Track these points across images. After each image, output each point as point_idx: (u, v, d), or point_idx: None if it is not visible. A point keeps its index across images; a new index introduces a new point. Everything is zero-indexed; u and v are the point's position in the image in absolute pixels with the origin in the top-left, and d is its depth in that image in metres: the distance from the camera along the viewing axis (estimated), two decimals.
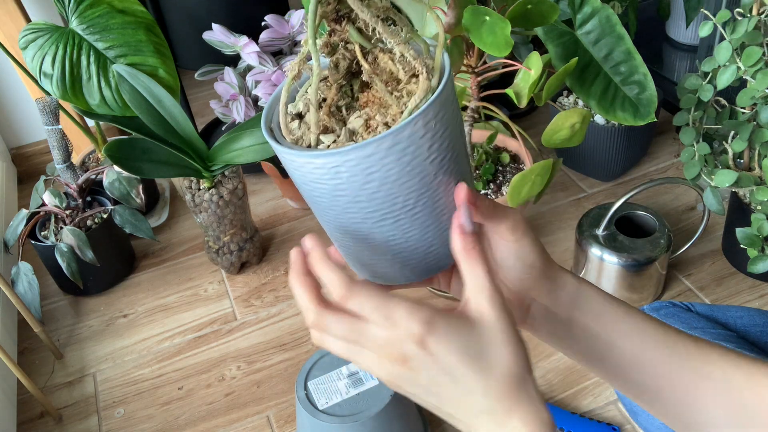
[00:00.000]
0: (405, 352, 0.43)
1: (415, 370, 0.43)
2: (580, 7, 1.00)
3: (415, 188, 0.44)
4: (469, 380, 0.43)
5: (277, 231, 1.48)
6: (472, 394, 0.43)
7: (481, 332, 0.44)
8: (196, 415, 1.15)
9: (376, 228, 0.46)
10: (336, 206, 0.45)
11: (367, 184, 0.43)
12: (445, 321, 0.43)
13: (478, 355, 0.43)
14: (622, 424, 1.06)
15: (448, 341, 0.43)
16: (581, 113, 1.00)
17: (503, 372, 0.43)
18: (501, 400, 0.43)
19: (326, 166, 0.42)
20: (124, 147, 1.14)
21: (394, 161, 0.42)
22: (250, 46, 1.27)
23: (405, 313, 0.42)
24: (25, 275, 1.21)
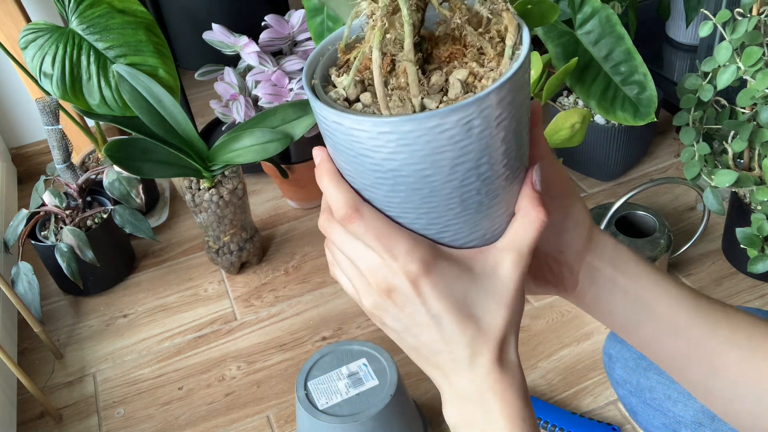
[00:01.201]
0: (395, 284, 0.42)
1: (399, 305, 0.42)
2: (580, 7, 1.00)
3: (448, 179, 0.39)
4: (455, 329, 0.42)
5: (277, 231, 1.48)
6: (454, 343, 0.43)
7: (484, 282, 0.43)
8: (196, 415, 1.15)
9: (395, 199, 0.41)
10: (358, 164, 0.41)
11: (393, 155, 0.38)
12: (446, 265, 0.42)
13: (470, 305, 0.42)
14: (622, 424, 1.06)
15: (443, 286, 0.42)
16: (581, 113, 1.00)
17: (493, 329, 0.43)
18: (482, 355, 0.43)
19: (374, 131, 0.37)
20: (124, 147, 1.14)
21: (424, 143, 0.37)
22: (250, 46, 1.27)
23: (405, 249, 0.41)
24: (25, 275, 1.21)
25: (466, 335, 0.43)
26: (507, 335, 0.43)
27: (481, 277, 0.43)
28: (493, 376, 0.43)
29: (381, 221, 0.42)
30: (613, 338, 0.84)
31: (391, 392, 0.93)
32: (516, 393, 0.43)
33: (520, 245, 0.43)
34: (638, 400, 0.79)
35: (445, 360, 0.44)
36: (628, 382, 0.80)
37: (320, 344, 1.23)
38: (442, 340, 0.43)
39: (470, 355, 0.43)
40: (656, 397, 0.76)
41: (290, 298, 1.33)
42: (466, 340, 0.43)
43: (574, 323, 1.21)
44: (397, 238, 0.41)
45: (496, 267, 0.43)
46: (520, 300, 0.44)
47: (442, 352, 0.43)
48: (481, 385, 0.43)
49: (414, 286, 0.41)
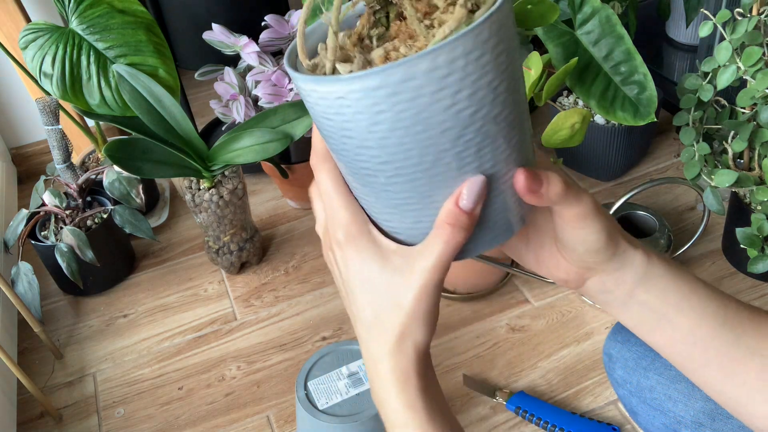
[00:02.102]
0: (330, 245, 0.47)
1: (331, 264, 0.47)
2: (580, 7, 1.00)
3: (432, 142, 0.37)
4: (358, 307, 0.46)
5: (277, 231, 1.48)
6: (358, 321, 0.46)
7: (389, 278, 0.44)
8: (196, 415, 1.15)
9: (390, 185, 0.40)
10: (346, 150, 0.39)
11: (375, 125, 0.36)
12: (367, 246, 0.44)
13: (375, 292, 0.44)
14: (622, 424, 1.06)
15: (357, 262, 0.45)
16: (581, 113, 1.00)
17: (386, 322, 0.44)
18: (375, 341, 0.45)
19: (329, 97, 0.36)
20: (124, 147, 1.14)
21: (406, 101, 0.35)
22: (250, 46, 1.27)
23: (343, 217, 0.45)
24: (25, 275, 1.21)
25: (365, 317, 0.45)
26: (403, 334, 0.44)
27: (389, 272, 0.44)
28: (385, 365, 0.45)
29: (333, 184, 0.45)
30: (613, 338, 0.84)
31: None
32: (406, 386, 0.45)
33: (429, 257, 0.43)
34: (638, 400, 0.79)
35: (356, 323, 0.47)
36: (628, 382, 0.80)
37: (320, 344, 1.23)
38: (352, 315, 0.47)
39: (368, 336, 0.46)
40: (656, 397, 0.76)
41: (290, 298, 1.33)
42: (366, 320, 0.45)
43: (574, 323, 1.21)
44: (340, 205, 0.45)
45: (404, 270, 0.44)
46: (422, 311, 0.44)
47: (353, 316, 0.47)
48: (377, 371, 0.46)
49: (339, 251, 0.45)
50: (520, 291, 1.28)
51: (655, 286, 0.49)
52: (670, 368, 0.76)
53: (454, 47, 0.34)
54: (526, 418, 1.06)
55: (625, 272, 0.49)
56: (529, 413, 1.06)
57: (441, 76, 0.34)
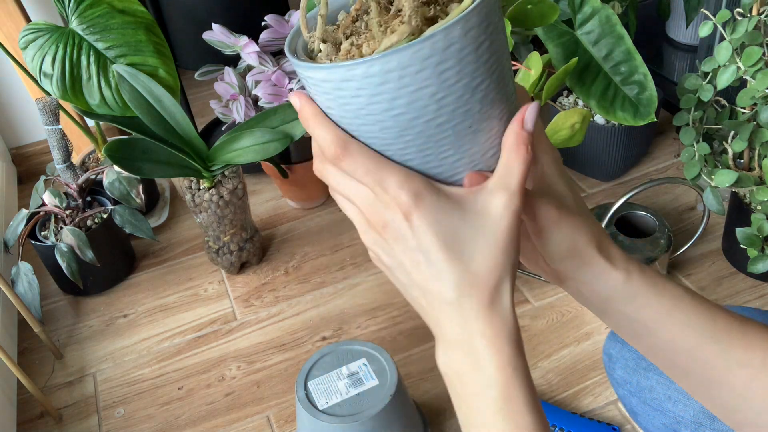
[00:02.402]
0: (387, 219, 0.41)
1: (392, 239, 0.42)
2: (580, 7, 1.00)
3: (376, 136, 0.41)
4: (443, 265, 0.41)
5: (277, 231, 1.48)
6: (442, 282, 0.42)
7: (474, 221, 0.41)
8: (196, 415, 1.15)
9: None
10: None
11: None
12: (436, 198, 0.41)
13: (462, 242, 0.41)
14: (622, 424, 1.06)
15: (433, 220, 0.41)
16: (581, 113, 1.00)
17: (484, 269, 0.41)
18: (471, 297, 0.41)
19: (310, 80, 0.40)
20: (124, 147, 1.14)
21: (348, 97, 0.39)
22: (250, 46, 1.27)
23: (396, 181, 0.41)
24: (25, 275, 1.21)
25: (454, 274, 0.41)
26: (499, 279, 0.42)
27: (472, 216, 0.41)
28: (482, 321, 0.42)
29: (370, 156, 0.41)
30: (613, 338, 0.84)
31: (391, 392, 0.93)
32: (507, 340, 0.42)
33: (507, 184, 0.41)
34: (638, 400, 0.79)
35: (434, 301, 0.43)
36: (628, 382, 0.80)
37: (320, 344, 1.23)
38: (431, 278, 0.42)
39: (458, 296, 0.42)
40: (656, 397, 0.76)
41: (290, 298, 1.33)
42: (454, 279, 0.41)
43: (574, 323, 1.21)
44: (387, 171, 0.41)
45: (486, 207, 0.42)
46: (512, 242, 0.42)
47: (431, 292, 0.42)
48: (469, 330, 0.42)
49: (405, 218, 0.41)
50: (520, 291, 1.28)
51: (632, 302, 0.49)
52: None
53: (389, 60, 0.37)
54: None
55: (598, 286, 0.48)
56: None
57: (377, 83, 0.37)
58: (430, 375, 1.16)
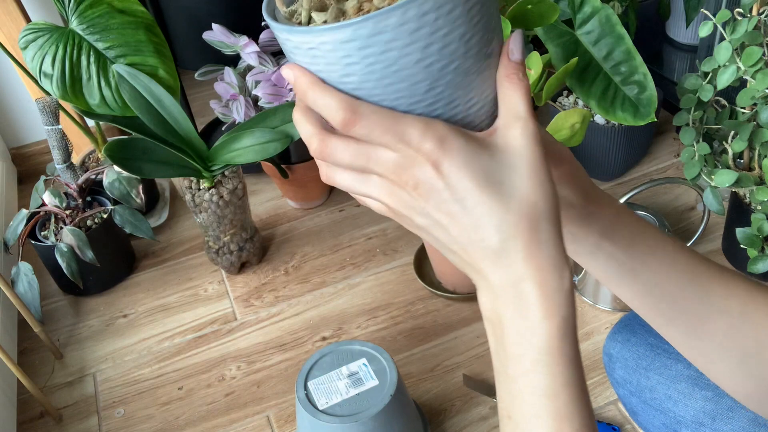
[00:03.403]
0: (416, 174, 0.38)
1: (424, 196, 0.39)
2: (580, 7, 1.00)
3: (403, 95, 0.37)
4: (483, 209, 0.38)
5: (277, 231, 1.48)
6: (484, 228, 0.39)
7: (503, 159, 0.39)
8: (196, 415, 1.15)
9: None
10: None
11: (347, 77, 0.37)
12: (463, 140, 0.38)
13: (497, 182, 0.38)
14: (622, 424, 1.06)
15: (463, 163, 0.38)
16: (581, 113, 1.00)
17: (525, 205, 0.39)
18: (516, 238, 0.39)
19: (303, 46, 0.36)
20: (124, 147, 1.14)
21: (376, 54, 0.35)
22: (250, 46, 1.27)
23: (418, 130, 0.38)
24: (25, 275, 1.21)
25: (494, 217, 0.39)
26: (541, 213, 0.39)
27: (498, 155, 0.39)
28: (530, 264, 0.39)
29: (383, 113, 0.38)
30: (613, 338, 0.84)
31: (391, 392, 0.93)
32: (556, 285, 0.39)
33: (516, 112, 0.40)
34: (638, 400, 0.79)
35: (477, 251, 0.40)
36: (628, 382, 0.80)
37: (320, 344, 1.23)
38: (471, 228, 0.39)
39: (502, 240, 0.39)
40: (656, 397, 0.76)
41: (290, 298, 1.33)
42: (495, 222, 0.39)
43: None
44: (406, 122, 0.38)
45: (506, 142, 0.40)
46: (544, 169, 0.40)
47: (473, 243, 0.40)
48: (517, 274, 0.39)
49: (435, 168, 0.38)
50: None
51: (622, 238, 0.49)
52: (670, 368, 0.76)
53: (425, 1, 0.34)
54: None
55: (592, 224, 0.49)
56: None
57: (411, 30, 0.34)
58: (430, 375, 1.16)
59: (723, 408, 0.70)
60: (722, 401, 0.71)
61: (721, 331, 0.50)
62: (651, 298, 0.51)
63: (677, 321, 0.51)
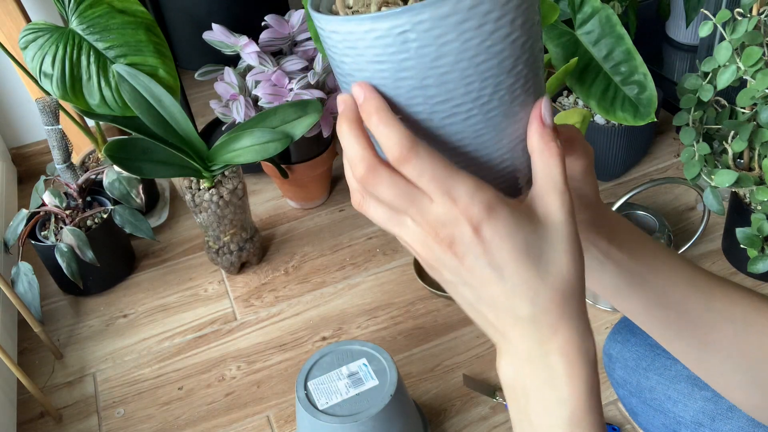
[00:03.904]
0: (455, 233, 0.38)
1: (460, 256, 0.38)
2: (580, 7, 1.00)
3: (493, 73, 0.37)
4: (519, 281, 0.38)
5: (277, 231, 1.48)
6: (517, 298, 0.39)
7: (544, 232, 0.39)
8: (196, 415, 1.15)
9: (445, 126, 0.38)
10: (399, 95, 0.37)
11: (440, 59, 0.36)
12: (509, 211, 0.38)
13: (536, 256, 0.39)
14: (622, 424, 1.06)
15: (506, 233, 0.38)
16: (581, 113, 1.00)
17: (559, 281, 0.39)
18: (548, 312, 0.39)
19: (392, 32, 0.35)
20: (124, 147, 1.14)
21: (473, 29, 0.35)
22: (250, 46, 1.27)
23: (467, 191, 0.37)
24: (25, 275, 1.21)
25: (531, 289, 0.39)
26: (574, 290, 0.40)
27: (539, 226, 0.39)
28: (561, 337, 0.39)
29: (439, 161, 0.37)
30: (613, 338, 0.84)
31: (391, 392, 0.93)
32: (584, 358, 0.40)
33: (555, 183, 0.40)
34: (638, 401, 0.79)
35: (506, 317, 0.40)
36: (628, 382, 0.80)
37: (320, 344, 1.23)
38: (504, 294, 0.39)
39: (535, 313, 0.39)
40: (656, 397, 0.76)
41: (290, 298, 1.33)
42: (531, 295, 0.39)
43: None
44: (457, 179, 0.37)
45: (546, 214, 0.40)
46: (579, 247, 0.40)
47: (503, 308, 0.40)
48: (546, 347, 0.40)
49: (476, 232, 0.37)
50: None
51: (627, 244, 0.50)
52: (670, 368, 0.76)
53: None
54: None
55: (602, 227, 0.49)
56: None
57: (504, 2, 0.35)
58: (430, 375, 1.16)
59: (722, 408, 0.70)
60: (722, 401, 0.71)
61: (726, 340, 0.50)
62: (659, 310, 0.51)
63: (684, 332, 0.51)
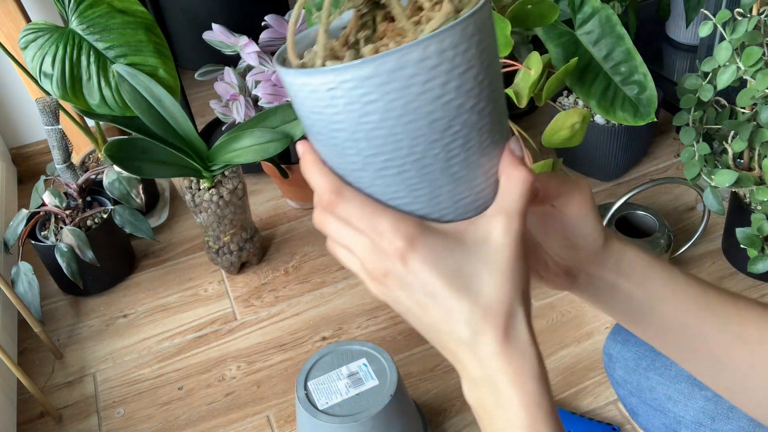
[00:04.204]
0: (387, 266, 0.40)
1: (396, 287, 0.41)
2: (580, 7, 1.00)
3: (423, 132, 0.38)
4: (453, 305, 0.40)
5: (277, 231, 1.48)
6: (454, 322, 0.40)
7: (479, 254, 0.40)
8: (196, 415, 1.15)
9: (378, 179, 0.40)
10: (335, 146, 0.40)
11: (366, 116, 0.37)
12: (433, 238, 0.40)
13: (464, 278, 0.40)
14: (622, 424, 1.06)
15: (433, 260, 0.39)
16: (581, 113, 1.00)
17: (493, 301, 0.40)
18: (485, 333, 0.40)
19: (322, 88, 0.37)
20: (124, 147, 1.14)
21: (397, 90, 0.36)
22: (250, 46, 1.27)
23: (390, 226, 0.40)
24: (25, 275, 1.21)
25: (463, 312, 0.40)
26: (511, 308, 0.40)
27: (473, 248, 0.40)
28: (500, 358, 0.40)
29: (363, 201, 0.40)
30: (613, 338, 0.84)
31: (391, 392, 0.93)
32: (529, 375, 0.40)
33: (508, 208, 0.41)
34: (638, 400, 0.79)
35: (450, 341, 0.41)
36: (628, 382, 0.80)
37: (320, 344, 1.23)
38: (442, 319, 0.40)
39: (472, 334, 0.40)
40: (656, 397, 0.76)
41: (290, 298, 1.33)
42: (464, 317, 0.40)
43: (574, 323, 1.21)
44: (380, 216, 0.40)
45: (486, 235, 0.41)
46: (519, 267, 0.41)
47: (445, 332, 0.41)
48: (489, 368, 0.41)
49: (403, 264, 0.40)
50: None
51: (634, 274, 0.50)
52: (670, 368, 0.76)
53: (444, 38, 0.35)
54: None
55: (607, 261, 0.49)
56: None
57: (431, 66, 0.36)
58: (430, 375, 1.16)
59: (723, 408, 0.70)
60: (722, 401, 0.71)
61: (743, 360, 0.50)
62: (672, 334, 0.51)
63: (700, 354, 0.51)
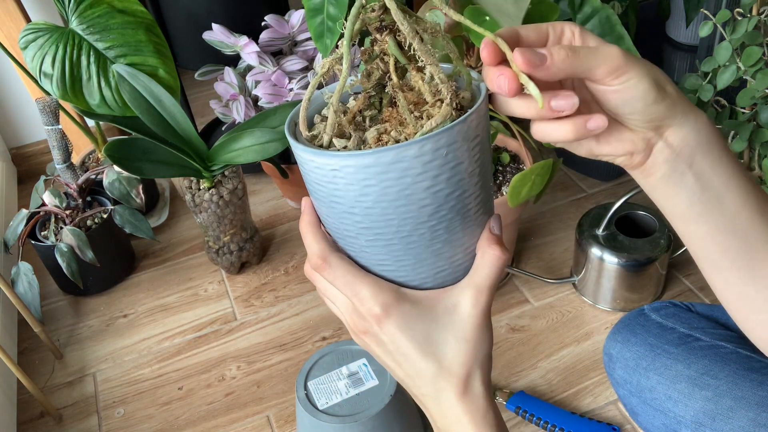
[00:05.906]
0: (365, 326, 0.47)
1: (371, 344, 0.48)
2: (580, 7, 1.00)
3: (412, 215, 0.43)
4: (420, 366, 0.47)
5: (277, 231, 1.48)
6: (420, 379, 0.48)
7: (447, 322, 0.47)
8: (196, 415, 1.15)
9: (368, 248, 0.46)
10: (333, 213, 0.45)
11: (363, 197, 0.42)
12: (407, 306, 0.47)
13: (432, 343, 0.47)
14: (622, 424, 1.06)
15: (405, 326, 0.46)
16: None
17: (456, 364, 0.47)
18: (447, 390, 0.47)
19: (325, 167, 0.42)
20: (124, 147, 1.14)
21: (393, 179, 0.41)
22: (250, 46, 1.27)
23: (369, 293, 0.46)
24: (25, 275, 1.21)
25: (429, 372, 0.47)
26: (470, 370, 0.47)
27: (442, 316, 0.47)
28: (458, 409, 0.47)
29: (347, 269, 0.47)
30: (613, 338, 0.84)
31: (391, 392, 0.93)
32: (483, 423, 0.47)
33: (478, 282, 0.47)
34: (638, 400, 0.79)
35: (419, 393, 0.49)
36: (628, 382, 0.80)
37: (320, 344, 1.23)
38: (409, 376, 0.48)
39: (436, 390, 0.47)
40: (656, 397, 0.76)
41: (290, 298, 1.33)
42: (429, 376, 0.47)
43: (574, 323, 1.21)
44: (360, 284, 0.46)
45: (456, 305, 0.47)
46: (482, 335, 0.47)
47: (413, 387, 0.49)
48: (449, 418, 0.48)
49: (379, 327, 0.46)
50: (520, 291, 1.28)
51: (710, 153, 0.48)
52: (670, 368, 0.76)
53: (440, 138, 0.40)
54: (526, 418, 1.06)
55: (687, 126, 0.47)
56: (529, 413, 1.06)
57: (426, 161, 0.41)
58: None
59: (723, 408, 0.71)
60: (722, 401, 0.71)
61: None
62: (723, 235, 0.50)
63: (739, 262, 0.50)
